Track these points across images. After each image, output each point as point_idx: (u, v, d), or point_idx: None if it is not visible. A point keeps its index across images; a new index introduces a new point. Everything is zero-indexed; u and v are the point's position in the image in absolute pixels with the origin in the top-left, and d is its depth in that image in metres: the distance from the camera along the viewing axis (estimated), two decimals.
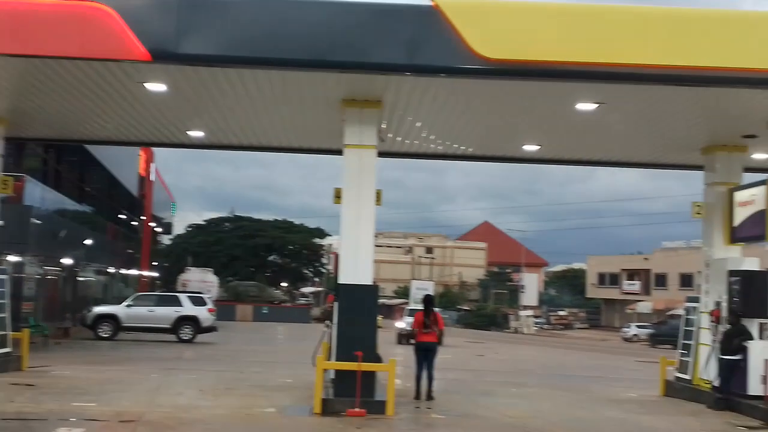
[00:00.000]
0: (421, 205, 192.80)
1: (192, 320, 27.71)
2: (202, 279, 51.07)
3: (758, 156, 15.33)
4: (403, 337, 32.41)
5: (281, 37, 10.12)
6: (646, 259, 74.79)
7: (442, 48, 10.03)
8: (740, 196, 14.67)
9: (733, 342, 13.74)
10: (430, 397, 13.39)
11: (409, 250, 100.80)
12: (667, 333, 44.28)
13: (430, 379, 13.55)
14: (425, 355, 13.59)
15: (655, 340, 48.36)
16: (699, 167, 16.11)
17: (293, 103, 12.84)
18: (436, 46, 10.07)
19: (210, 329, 28.28)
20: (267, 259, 78.98)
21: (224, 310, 44.62)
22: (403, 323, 34.52)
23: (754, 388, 13.29)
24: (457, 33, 9.95)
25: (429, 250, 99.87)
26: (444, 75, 10.54)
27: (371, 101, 12.27)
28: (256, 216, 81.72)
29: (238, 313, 54.32)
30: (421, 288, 72.20)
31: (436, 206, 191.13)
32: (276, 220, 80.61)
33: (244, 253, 73.75)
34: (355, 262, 12.20)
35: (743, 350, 13.61)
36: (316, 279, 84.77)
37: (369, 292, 12.20)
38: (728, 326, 14.11)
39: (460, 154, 17.11)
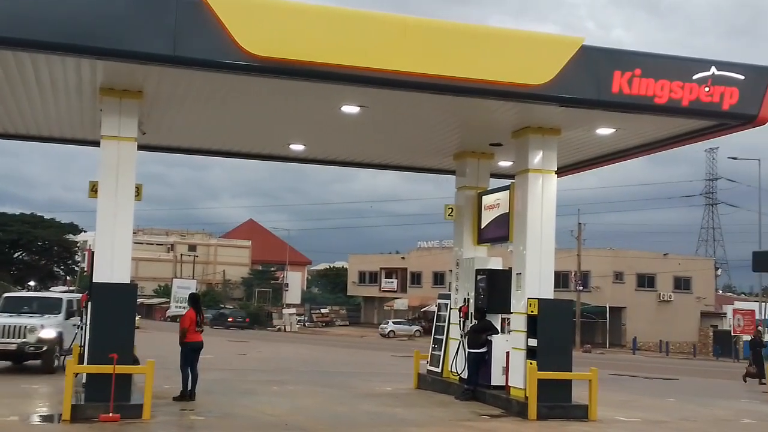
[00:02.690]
0: (184, 201, 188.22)
1: None
2: None
3: (503, 163, 16.59)
4: None
5: (31, 16, 9.37)
6: (403, 258, 78.23)
7: (208, 41, 9.84)
8: (487, 200, 15.77)
9: (479, 336, 14.74)
10: (191, 397, 13.09)
11: (171, 247, 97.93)
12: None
13: (195, 378, 13.26)
14: (195, 356, 13.31)
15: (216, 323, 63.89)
16: (451, 172, 17.15)
17: (45, 89, 11.97)
18: (202, 39, 9.85)
19: None
20: (12, 256, 73.04)
21: None
22: None
23: (497, 378, 14.35)
24: (224, 27, 9.81)
25: (192, 247, 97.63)
26: (208, 69, 10.32)
27: (131, 91, 11.75)
28: None
29: None
30: (183, 287, 70.10)
31: (200, 203, 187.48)
32: (23, 213, 74.75)
33: None
34: (112, 260, 11.62)
35: (488, 344, 14.65)
36: (69, 277, 79.76)
37: (126, 291, 11.68)
38: (475, 321, 15.11)
39: (226, 151, 16.91)
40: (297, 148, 16.10)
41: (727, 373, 32.31)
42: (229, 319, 66.51)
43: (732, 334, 51.54)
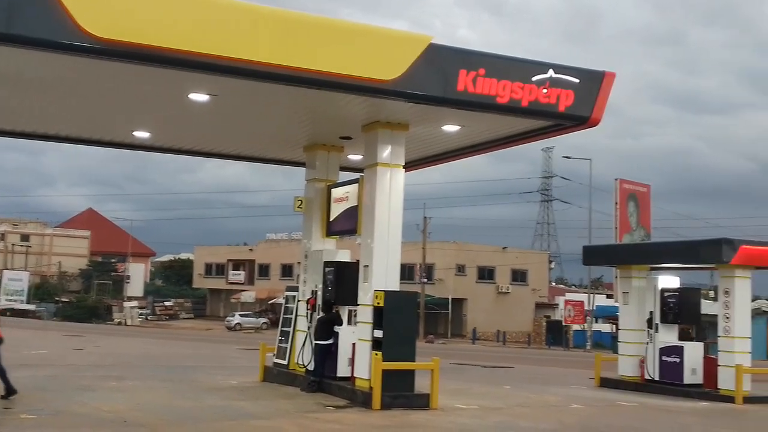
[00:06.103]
0: (15, 188, 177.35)
1: None
2: None
3: (353, 156, 16.76)
4: None
5: None
6: (251, 250, 77.39)
7: (45, 20, 9.27)
8: (336, 192, 15.89)
9: (326, 328, 14.83)
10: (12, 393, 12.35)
11: (2, 237, 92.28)
12: None
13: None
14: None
15: None
16: (302, 164, 17.14)
17: None
18: (39, 16, 9.27)
19: None
20: None
21: None
22: None
23: (343, 370, 14.51)
24: (63, 6, 9.29)
25: (25, 237, 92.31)
26: (45, 49, 9.74)
27: None
28: None
29: None
30: (14, 279, 66.24)
31: (34, 190, 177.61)
32: None
33: None
34: None
35: (335, 336, 14.76)
36: None
37: None
38: (322, 313, 15.18)
39: (64, 136, 16.08)
40: (142, 135, 15.56)
41: (558, 361, 34.20)
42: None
43: (563, 323, 54.63)
